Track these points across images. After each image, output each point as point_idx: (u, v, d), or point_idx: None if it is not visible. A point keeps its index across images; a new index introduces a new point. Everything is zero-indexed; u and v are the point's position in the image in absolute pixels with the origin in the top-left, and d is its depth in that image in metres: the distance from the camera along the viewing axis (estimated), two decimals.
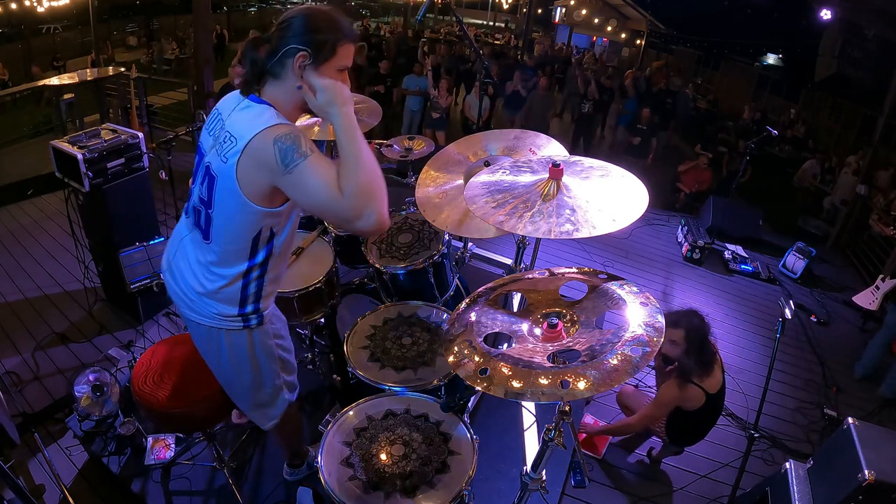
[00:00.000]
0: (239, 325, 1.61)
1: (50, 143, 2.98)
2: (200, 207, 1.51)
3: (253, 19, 19.08)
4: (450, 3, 6.17)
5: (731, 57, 14.16)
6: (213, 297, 1.56)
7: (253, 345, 1.67)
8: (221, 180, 1.42)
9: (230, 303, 1.57)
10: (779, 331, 2.24)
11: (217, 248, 1.51)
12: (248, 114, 1.41)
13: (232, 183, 1.38)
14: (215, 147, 1.44)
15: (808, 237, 6.23)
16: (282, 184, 1.36)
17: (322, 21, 1.40)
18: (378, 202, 1.34)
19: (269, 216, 1.45)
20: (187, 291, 1.60)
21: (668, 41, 16.22)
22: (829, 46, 10.22)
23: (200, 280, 1.57)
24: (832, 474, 2.04)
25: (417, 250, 2.40)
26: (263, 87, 1.45)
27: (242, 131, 1.37)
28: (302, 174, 1.32)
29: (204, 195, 1.49)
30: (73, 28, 14.00)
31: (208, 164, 1.47)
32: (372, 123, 2.77)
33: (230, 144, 1.39)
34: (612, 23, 16.56)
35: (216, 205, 1.46)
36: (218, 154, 1.42)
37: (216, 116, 1.52)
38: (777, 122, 10.10)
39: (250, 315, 1.61)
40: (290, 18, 1.41)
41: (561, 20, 17.85)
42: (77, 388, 2.53)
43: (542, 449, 1.53)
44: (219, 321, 1.59)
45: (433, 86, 7.15)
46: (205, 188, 1.48)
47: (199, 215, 1.53)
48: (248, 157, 1.35)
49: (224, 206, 1.44)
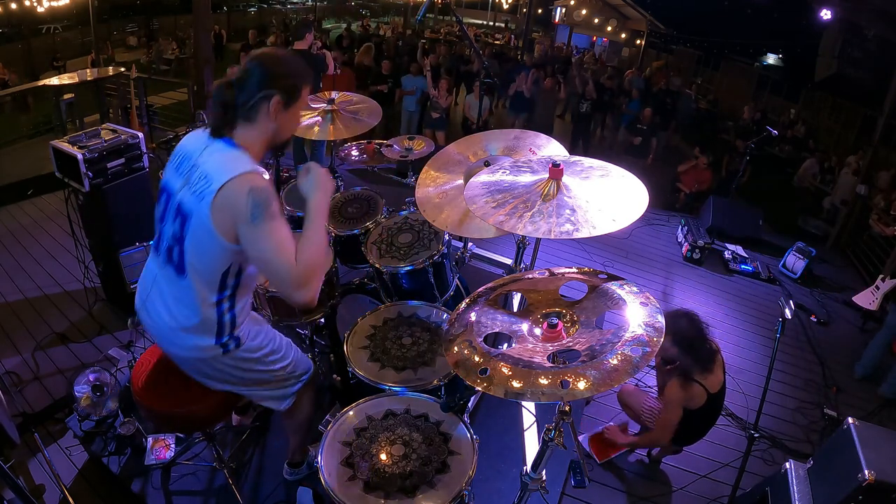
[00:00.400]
0: (219, 353, 1.67)
1: (50, 143, 2.98)
2: (174, 244, 1.57)
3: (253, 19, 19.08)
4: (450, 3, 6.19)
5: (731, 57, 14.16)
6: (190, 331, 1.62)
7: (237, 363, 1.73)
8: (196, 217, 1.48)
9: (207, 334, 1.63)
10: (779, 331, 2.24)
11: (189, 283, 1.56)
12: (223, 157, 1.49)
13: (206, 220, 1.45)
14: (187, 186, 1.51)
15: (808, 237, 6.23)
16: (241, 231, 1.45)
17: (290, 65, 1.53)
18: (318, 282, 1.50)
19: (238, 253, 1.51)
20: (164, 329, 1.66)
21: (668, 41, 16.21)
22: (829, 46, 10.22)
23: (176, 316, 1.62)
24: (832, 474, 2.04)
25: (417, 250, 2.40)
26: (235, 131, 1.53)
27: (218, 173, 1.45)
28: (263, 231, 1.43)
29: (177, 232, 1.54)
30: (73, 28, 13.99)
31: (180, 203, 1.53)
32: (372, 123, 2.78)
33: (204, 183, 1.46)
34: (612, 23, 16.57)
35: (189, 240, 1.52)
36: (191, 193, 1.49)
37: (184, 157, 1.58)
38: (777, 122, 10.10)
39: (228, 343, 1.67)
40: (260, 63, 1.50)
41: (561, 20, 17.85)
42: (77, 388, 2.53)
43: (542, 449, 1.53)
44: (199, 352, 1.65)
45: (433, 86, 7.15)
46: (178, 225, 1.54)
47: (171, 252, 1.58)
48: (222, 197, 1.43)
49: (197, 241, 1.51)
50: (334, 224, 2.63)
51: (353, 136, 2.75)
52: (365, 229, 2.57)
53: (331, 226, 2.62)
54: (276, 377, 1.85)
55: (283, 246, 1.44)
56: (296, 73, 1.54)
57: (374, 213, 2.67)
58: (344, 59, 8.60)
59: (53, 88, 6.04)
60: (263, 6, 21.26)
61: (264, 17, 19.95)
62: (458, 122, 8.53)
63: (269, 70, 1.49)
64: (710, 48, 14.61)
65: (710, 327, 4.00)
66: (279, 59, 1.53)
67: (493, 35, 18.66)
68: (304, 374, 1.95)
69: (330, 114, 2.74)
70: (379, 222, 2.60)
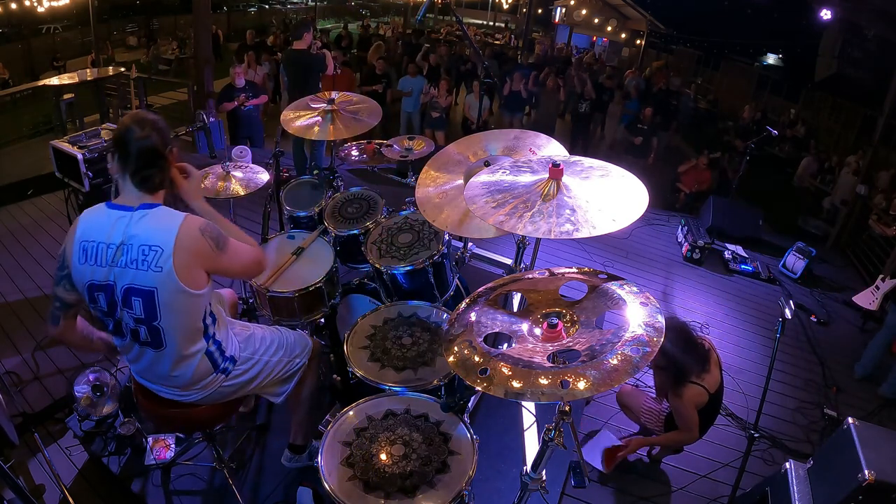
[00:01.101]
0: (222, 378, 1.78)
1: (50, 143, 2.99)
2: (138, 327, 1.57)
3: (253, 19, 19.08)
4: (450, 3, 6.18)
5: (731, 57, 14.16)
6: (195, 381, 1.71)
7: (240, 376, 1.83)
8: (162, 289, 1.50)
9: (207, 373, 1.73)
10: (779, 331, 2.24)
11: (174, 348, 1.61)
12: (152, 219, 1.52)
13: (174, 284, 1.49)
14: (125, 268, 1.49)
15: (808, 237, 6.23)
16: (218, 262, 1.59)
17: (162, 120, 1.60)
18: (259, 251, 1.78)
19: (207, 294, 1.61)
20: (172, 390, 1.75)
21: (668, 41, 16.21)
22: (829, 46, 10.22)
23: (175, 382, 1.70)
24: (832, 474, 2.04)
25: (417, 250, 2.40)
26: (150, 195, 1.57)
27: (161, 236, 1.49)
28: (230, 251, 1.61)
29: (140, 314, 1.54)
30: (73, 28, 14.00)
31: (129, 287, 1.51)
32: (372, 123, 2.77)
33: (154, 255, 1.48)
34: (612, 23, 16.55)
35: (163, 314, 1.54)
36: (139, 270, 1.49)
37: (96, 246, 1.51)
38: (777, 122, 10.10)
39: (226, 367, 1.78)
40: (147, 128, 1.53)
41: (561, 20, 17.85)
42: (77, 388, 2.53)
43: (542, 449, 1.52)
44: (207, 390, 1.76)
45: (433, 86, 7.16)
46: (138, 308, 1.53)
47: (137, 334, 1.59)
48: (181, 252, 1.49)
49: (171, 309, 1.54)
50: (334, 224, 2.63)
51: (353, 136, 2.75)
52: (365, 229, 2.57)
53: (331, 226, 2.62)
54: (279, 367, 1.95)
55: (245, 249, 1.68)
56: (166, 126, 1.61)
57: (374, 213, 2.67)
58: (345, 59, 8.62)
59: (53, 88, 6.05)
60: (263, 6, 21.26)
61: (264, 17, 19.95)
62: (458, 122, 8.53)
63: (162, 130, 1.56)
64: (710, 48, 14.61)
65: (710, 327, 4.05)
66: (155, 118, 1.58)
67: (493, 35, 18.65)
68: (304, 354, 2.04)
69: (330, 114, 2.73)
70: (379, 222, 2.60)
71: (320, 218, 2.75)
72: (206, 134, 2.81)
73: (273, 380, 1.95)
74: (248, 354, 1.86)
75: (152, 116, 1.59)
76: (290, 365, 2.00)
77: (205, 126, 2.75)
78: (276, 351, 1.94)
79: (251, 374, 1.86)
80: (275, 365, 1.93)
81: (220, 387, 1.78)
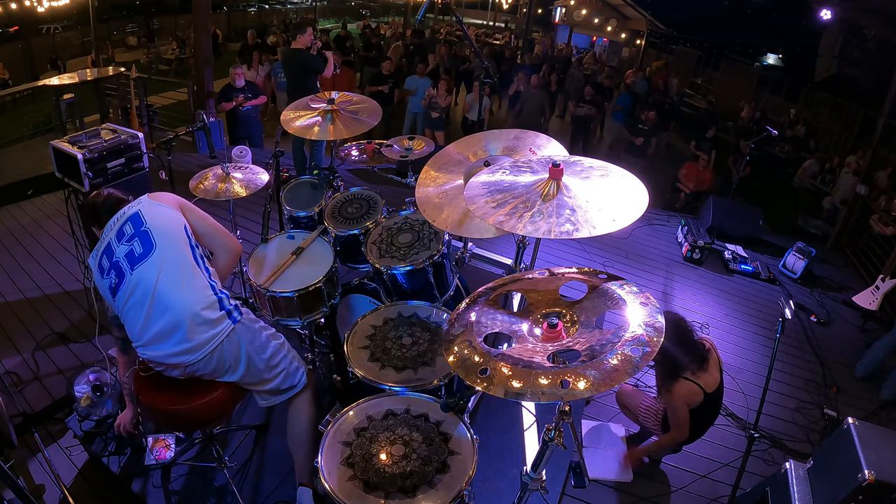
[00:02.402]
0: (229, 326, 1.81)
1: (50, 143, 2.98)
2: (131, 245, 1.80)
3: (253, 19, 19.08)
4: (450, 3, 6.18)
5: (731, 57, 14.15)
6: (202, 320, 1.76)
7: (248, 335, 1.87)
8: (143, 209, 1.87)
9: (213, 307, 1.79)
10: (779, 331, 2.24)
11: (164, 245, 1.80)
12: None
13: (150, 204, 1.89)
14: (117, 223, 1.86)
15: (808, 237, 6.23)
16: (191, 208, 1.97)
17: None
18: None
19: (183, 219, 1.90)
20: (180, 341, 1.75)
21: (668, 41, 16.22)
22: (829, 46, 10.21)
23: (183, 312, 1.75)
24: (832, 474, 2.04)
25: (417, 250, 2.40)
26: None
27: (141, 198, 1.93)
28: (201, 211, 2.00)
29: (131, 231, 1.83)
30: (73, 28, 13.99)
31: (119, 228, 1.84)
32: (372, 123, 2.78)
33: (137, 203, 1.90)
34: (612, 23, 16.56)
35: (147, 220, 1.83)
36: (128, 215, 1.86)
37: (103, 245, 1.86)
38: (777, 122, 10.10)
39: (232, 312, 1.84)
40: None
41: (561, 20, 17.86)
42: (77, 388, 2.53)
43: (542, 449, 1.52)
44: (215, 337, 1.78)
45: (432, 86, 7.15)
46: (129, 229, 1.83)
47: (132, 253, 1.79)
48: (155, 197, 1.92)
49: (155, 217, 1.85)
50: (334, 224, 2.63)
51: (353, 136, 2.75)
52: (365, 229, 2.57)
53: (331, 226, 2.62)
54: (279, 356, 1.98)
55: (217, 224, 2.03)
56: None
57: (374, 213, 2.67)
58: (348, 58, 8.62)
59: (53, 88, 6.04)
60: (263, 6, 21.25)
61: (264, 17, 19.95)
62: (458, 122, 8.53)
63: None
64: (710, 48, 14.61)
65: (710, 327, 4.05)
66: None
67: (494, 35, 18.65)
68: (302, 370, 2.06)
69: (330, 114, 2.74)
70: (379, 222, 2.60)
71: (320, 218, 2.75)
72: (206, 134, 2.82)
73: (274, 374, 1.95)
74: (252, 319, 1.91)
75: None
76: (290, 365, 2.00)
77: (205, 126, 2.75)
78: (275, 335, 1.99)
79: (257, 341, 1.89)
80: (276, 350, 1.96)
81: (228, 337, 1.80)
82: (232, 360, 1.83)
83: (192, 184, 2.74)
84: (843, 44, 9.94)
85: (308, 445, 2.07)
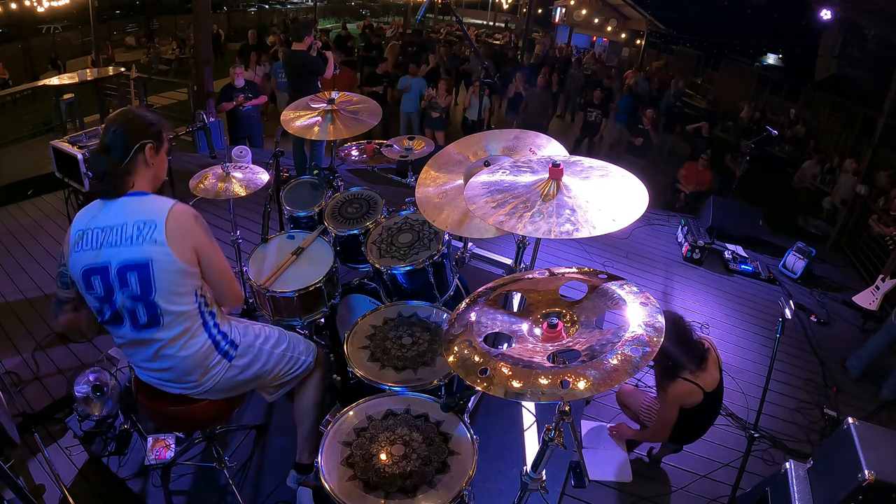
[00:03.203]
0: (226, 364, 1.78)
1: (50, 143, 2.99)
2: (135, 306, 1.59)
3: (253, 19, 19.08)
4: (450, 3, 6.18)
5: (731, 57, 14.16)
6: (197, 367, 1.72)
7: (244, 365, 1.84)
8: (155, 260, 1.54)
9: (209, 354, 1.73)
10: (779, 331, 2.24)
11: (172, 324, 1.63)
12: (142, 202, 1.59)
13: (168, 256, 1.54)
14: (121, 245, 1.54)
15: (808, 237, 6.23)
16: (206, 247, 1.64)
17: (148, 116, 1.66)
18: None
19: (198, 274, 1.65)
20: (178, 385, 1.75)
21: (668, 41, 16.23)
22: (829, 46, 10.21)
23: (180, 368, 1.70)
24: (832, 474, 2.04)
25: (417, 250, 2.39)
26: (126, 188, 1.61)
27: (152, 213, 1.56)
28: (216, 249, 1.68)
29: (135, 290, 1.56)
30: (73, 28, 13.99)
31: (122, 264, 1.55)
32: (372, 123, 2.77)
33: (148, 228, 1.54)
34: (612, 23, 16.57)
35: (157, 287, 1.56)
36: (134, 245, 1.54)
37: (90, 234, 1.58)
38: (777, 122, 10.10)
39: (228, 350, 1.79)
40: (124, 121, 1.61)
41: (561, 20, 17.87)
42: (77, 388, 2.52)
43: (542, 449, 1.52)
44: (211, 379, 1.76)
45: (432, 87, 7.15)
46: (134, 282, 1.56)
47: (135, 316, 1.61)
48: (173, 227, 1.55)
49: (165, 279, 1.57)
50: (334, 224, 2.63)
51: (353, 136, 2.75)
52: (365, 229, 2.57)
53: (331, 226, 2.62)
54: (283, 362, 1.96)
55: (229, 267, 1.75)
56: (156, 120, 1.67)
57: (374, 213, 2.67)
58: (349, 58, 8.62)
59: (53, 88, 6.05)
60: (263, 6, 21.25)
61: (264, 17, 19.95)
62: (458, 122, 8.53)
63: (135, 124, 1.61)
64: (710, 48, 14.62)
65: (710, 327, 4.05)
66: (137, 113, 1.65)
67: (494, 35, 18.66)
68: (309, 353, 2.06)
69: (330, 114, 2.73)
70: (379, 222, 2.60)
71: (320, 218, 2.75)
72: (206, 134, 2.81)
73: (277, 374, 1.95)
74: (250, 341, 1.87)
75: (134, 113, 1.63)
76: (295, 363, 2.00)
77: (205, 126, 2.75)
78: (277, 343, 1.95)
79: (256, 364, 1.87)
80: (278, 358, 1.94)
81: (224, 376, 1.78)
82: (230, 386, 1.84)
83: (192, 183, 2.74)
84: (843, 44, 9.95)
85: (312, 417, 2.11)
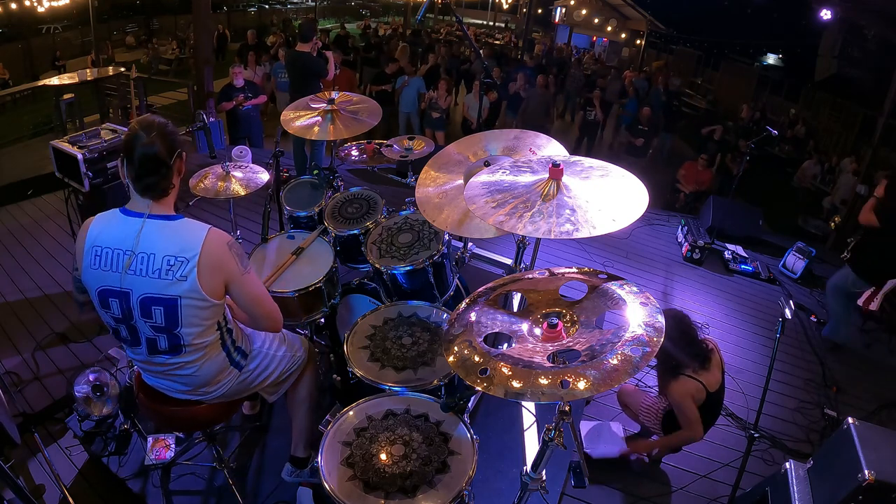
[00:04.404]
0: (237, 373, 1.81)
1: (50, 143, 2.98)
2: (157, 336, 1.57)
3: (253, 19, 19.09)
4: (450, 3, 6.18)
5: (731, 57, 14.17)
6: (210, 381, 1.74)
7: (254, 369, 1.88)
8: (185, 300, 1.52)
9: (223, 369, 1.75)
10: (779, 331, 2.24)
11: (192, 349, 1.62)
12: (173, 230, 1.53)
13: (198, 294, 1.51)
14: (147, 276, 1.49)
15: (808, 237, 6.23)
16: (238, 280, 1.59)
17: (169, 123, 1.57)
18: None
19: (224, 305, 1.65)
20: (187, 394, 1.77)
21: (668, 41, 16.23)
22: (829, 46, 10.22)
23: (193, 382, 1.71)
24: (832, 474, 2.04)
25: (417, 250, 2.39)
26: (159, 201, 1.55)
27: (184, 247, 1.49)
28: (251, 276, 1.64)
29: (160, 322, 1.54)
30: (73, 28, 14.00)
31: (147, 296, 1.51)
32: (372, 123, 2.77)
33: (179, 265, 1.48)
34: (612, 23, 16.57)
35: (184, 322, 1.55)
36: (162, 280, 1.49)
37: (109, 252, 1.51)
38: (777, 122, 10.10)
39: (239, 361, 1.80)
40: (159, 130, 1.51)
41: (561, 20, 17.88)
42: (77, 388, 2.52)
43: (542, 449, 1.52)
44: (226, 386, 1.79)
45: (432, 87, 7.15)
46: (160, 316, 1.53)
47: (155, 344, 1.59)
48: (206, 261, 1.50)
49: (192, 318, 1.56)
50: (334, 224, 2.63)
51: (353, 136, 2.75)
52: (365, 229, 2.57)
53: (331, 226, 2.62)
54: (284, 362, 1.98)
55: (265, 291, 1.72)
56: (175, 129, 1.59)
57: (374, 213, 2.67)
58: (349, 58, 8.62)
59: (53, 88, 6.05)
60: (263, 6, 21.26)
61: (264, 17, 19.97)
62: (458, 122, 8.53)
63: (166, 138, 1.52)
64: (710, 48, 14.63)
65: (710, 327, 4.05)
66: (163, 123, 1.55)
67: (494, 35, 18.67)
68: (302, 349, 2.08)
69: (330, 114, 2.73)
70: (379, 222, 2.60)
71: (320, 218, 2.75)
72: (206, 134, 2.81)
73: (280, 375, 1.97)
74: (258, 347, 1.89)
75: (160, 122, 1.55)
76: (294, 361, 2.03)
77: (205, 126, 2.75)
78: (279, 345, 1.97)
79: (261, 367, 1.89)
80: (281, 359, 1.96)
81: (234, 383, 1.80)
82: (237, 391, 1.86)
83: (192, 182, 2.74)
84: (843, 44, 9.95)
85: (306, 406, 2.12)
